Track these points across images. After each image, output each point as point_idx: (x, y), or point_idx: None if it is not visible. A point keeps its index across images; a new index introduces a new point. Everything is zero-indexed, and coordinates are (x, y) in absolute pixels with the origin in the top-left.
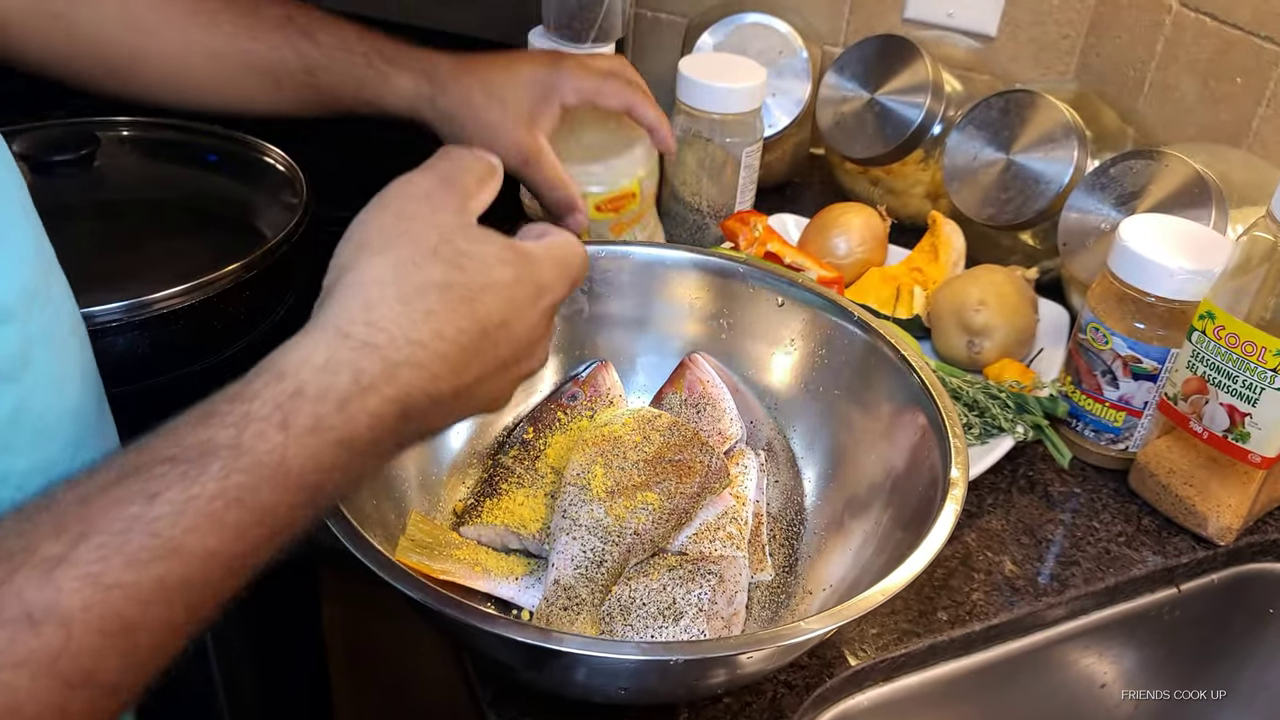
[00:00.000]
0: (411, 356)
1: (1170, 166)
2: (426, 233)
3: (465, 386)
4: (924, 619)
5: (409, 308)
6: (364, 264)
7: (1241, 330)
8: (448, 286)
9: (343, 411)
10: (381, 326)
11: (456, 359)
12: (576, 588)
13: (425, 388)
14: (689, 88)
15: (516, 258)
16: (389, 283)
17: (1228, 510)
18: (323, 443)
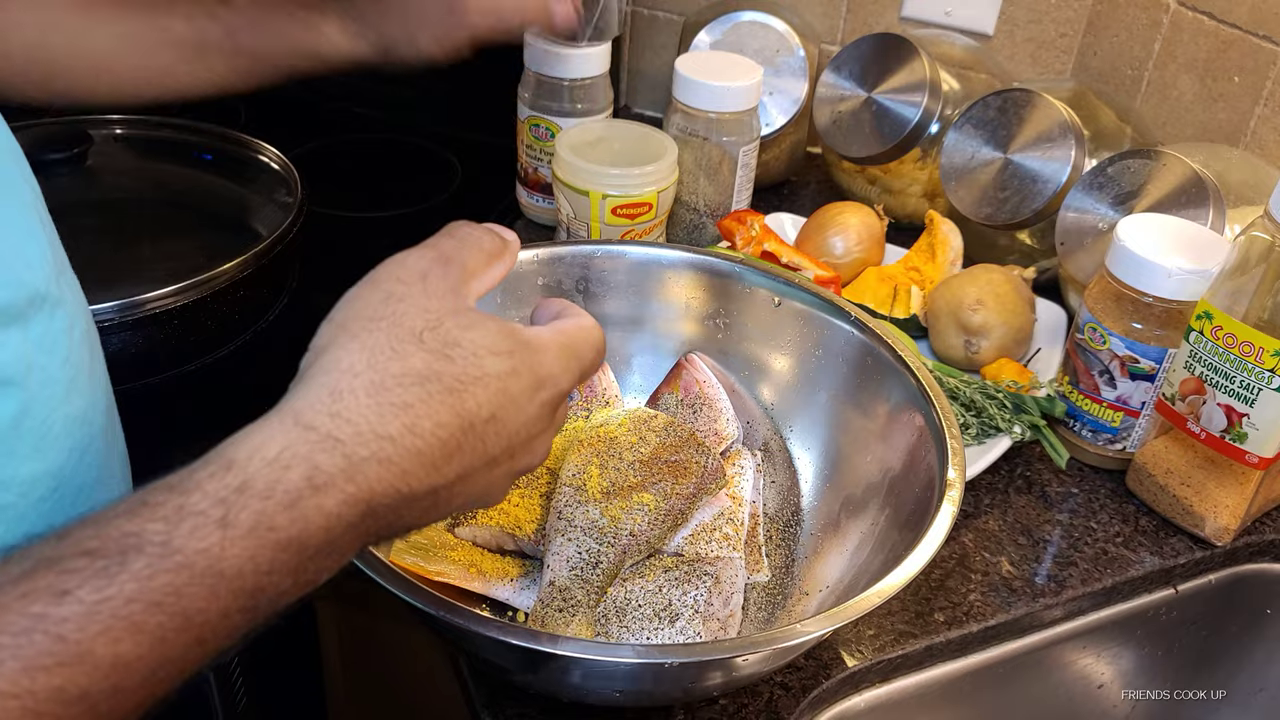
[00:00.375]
0: (379, 452)
1: (1168, 166)
2: (412, 317)
3: (445, 484)
4: (921, 620)
5: (381, 399)
6: (339, 348)
7: (1239, 330)
8: (430, 378)
9: (291, 510)
10: (347, 418)
11: (433, 456)
12: (572, 589)
13: (395, 484)
14: (685, 86)
15: (515, 347)
16: (361, 371)
17: (1225, 511)
18: (264, 544)
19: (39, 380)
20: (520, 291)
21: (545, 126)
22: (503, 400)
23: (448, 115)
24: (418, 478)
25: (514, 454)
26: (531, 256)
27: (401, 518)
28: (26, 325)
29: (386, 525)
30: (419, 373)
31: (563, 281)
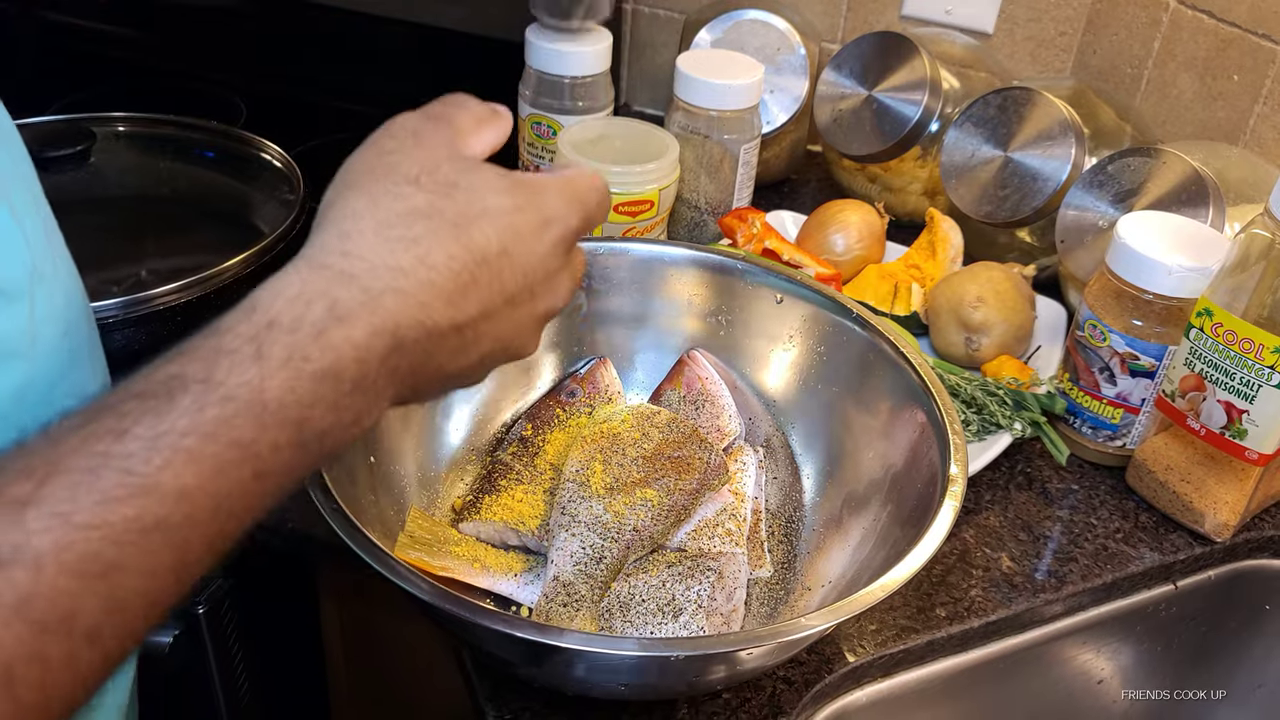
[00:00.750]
0: (394, 283)
1: (1168, 164)
2: (408, 165)
3: (469, 320)
4: (922, 615)
5: (388, 235)
6: (341, 200)
7: (1239, 327)
8: (433, 213)
9: (319, 341)
10: (358, 255)
11: (449, 287)
12: (576, 584)
13: (416, 316)
14: (687, 84)
15: (514, 186)
16: (365, 214)
17: (1224, 507)
18: (300, 375)
19: (42, 353)
20: None
21: (546, 124)
22: (510, 235)
23: None
24: (438, 310)
25: (534, 293)
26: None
27: (432, 356)
28: (29, 299)
29: (418, 363)
30: (422, 210)
31: None
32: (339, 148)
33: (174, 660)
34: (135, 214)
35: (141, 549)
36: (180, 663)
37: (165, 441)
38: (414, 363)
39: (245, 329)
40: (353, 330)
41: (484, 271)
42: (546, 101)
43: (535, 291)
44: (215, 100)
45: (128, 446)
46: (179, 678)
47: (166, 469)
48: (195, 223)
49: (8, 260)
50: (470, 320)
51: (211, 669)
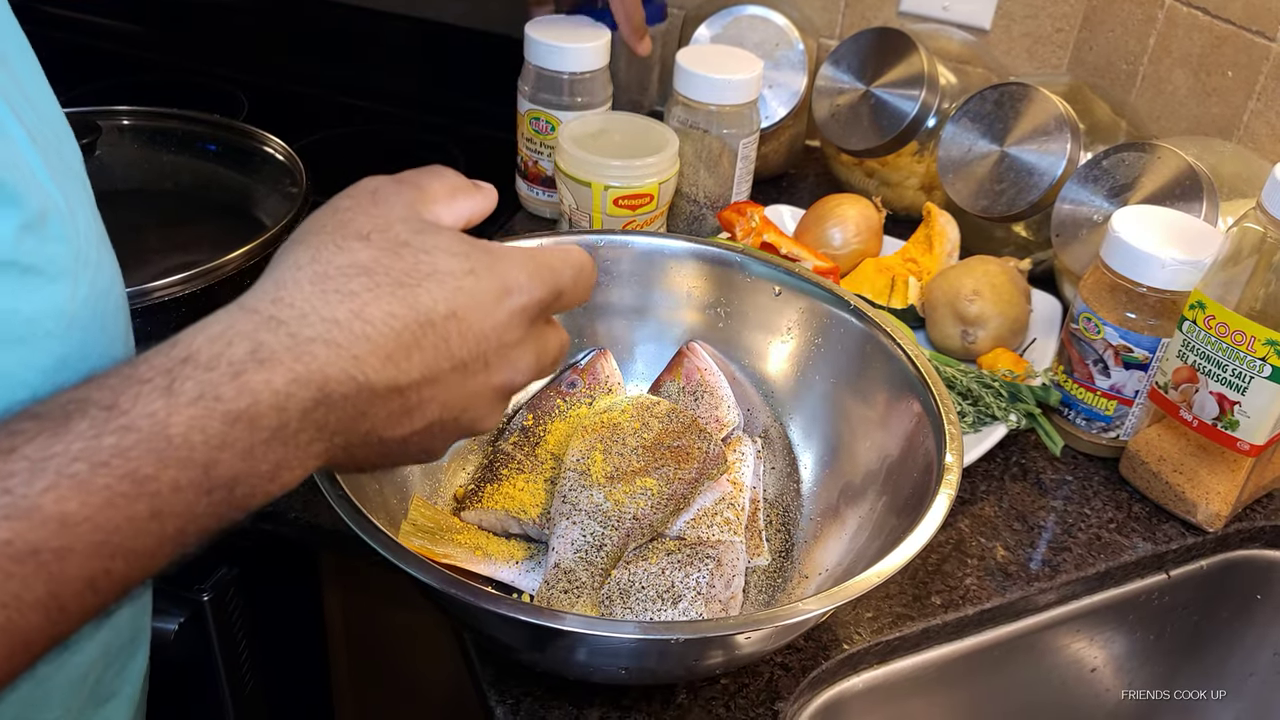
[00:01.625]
0: (325, 334)
1: (1162, 159)
2: (360, 221)
3: (411, 384)
4: (918, 603)
5: (324, 287)
6: (287, 253)
7: (1231, 320)
8: (376, 269)
9: (236, 381)
10: (289, 302)
11: (387, 345)
12: (576, 571)
13: (348, 370)
14: (686, 79)
15: (471, 250)
16: (305, 265)
17: (1217, 497)
18: (211, 414)
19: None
20: None
21: (545, 120)
22: (461, 299)
23: (448, 108)
24: (372, 366)
25: (489, 364)
26: (536, 246)
27: (365, 416)
28: (73, 281)
29: (350, 423)
30: (364, 265)
31: None
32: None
33: (179, 647)
34: (139, 207)
35: (7, 575)
36: (185, 650)
37: (53, 464)
38: (345, 421)
39: (161, 362)
40: (273, 375)
41: (429, 334)
42: (545, 97)
43: (490, 362)
44: (218, 94)
45: (12, 466)
46: (184, 665)
47: (49, 492)
48: (198, 215)
49: (57, 241)
50: (412, 384)
51: (216, 656)
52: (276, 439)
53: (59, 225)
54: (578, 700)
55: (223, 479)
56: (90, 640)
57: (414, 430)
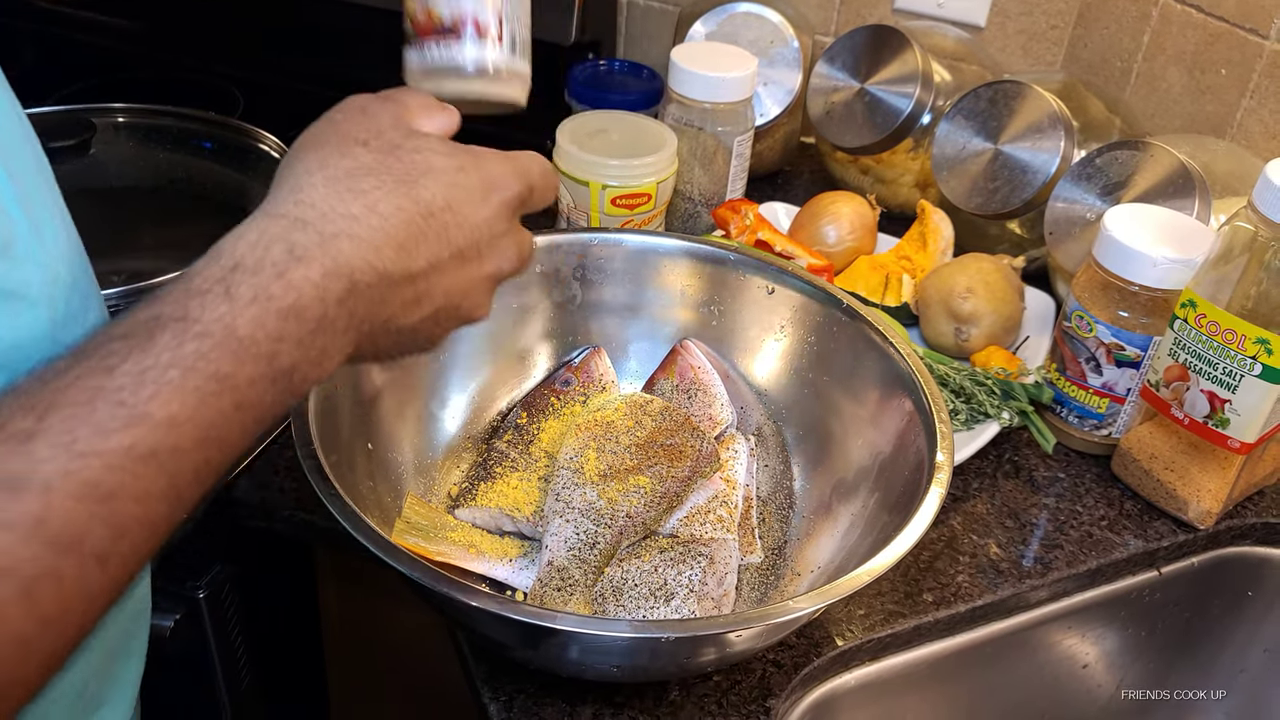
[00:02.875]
0: (346, 229)
1: (1155, 157)
2: (356, 130)
3: (420, 271)
4: (910, 600)
5: (337, 187)
6: (295, 161)
7: (1222, 319)
8: (379, 170)
9: (281, 279)
10: (310, 203)
11: (399, 234)
12: (570, 569)
13: (369, 259)
14: (681, 77)
15: (456, 149)
16: (315, 170)
17: (1208, 495)
18: (267, 311)
19: None
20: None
21: None
22: (455, 192)
23: None
24: (389, 255)
25: (481, 253)
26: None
27: (385, 303)
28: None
29: (372, 310)
30: (369, 166)
31: (560, 269)
32: None
33: (175, 644)
34: (134, 204)
35: (136, 475)
36: (181, 647)
37: (151, 375)
38: (369, 308)
39: (213, 272)
40: (309, 270)
41: (431, 224)
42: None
43: (482, 251)
44: (213, 91)
45: (117, 381)
46: (179, 662)
47: (154, 399)
48: (194, 213)
49: (26, 263)
50: (421, 271)
51: (212, 652)
52: (320, 328)
53: (25, 248)
54: (571, 697)
55: (283, 368)
56: (85, 651)
57: (423, 317)
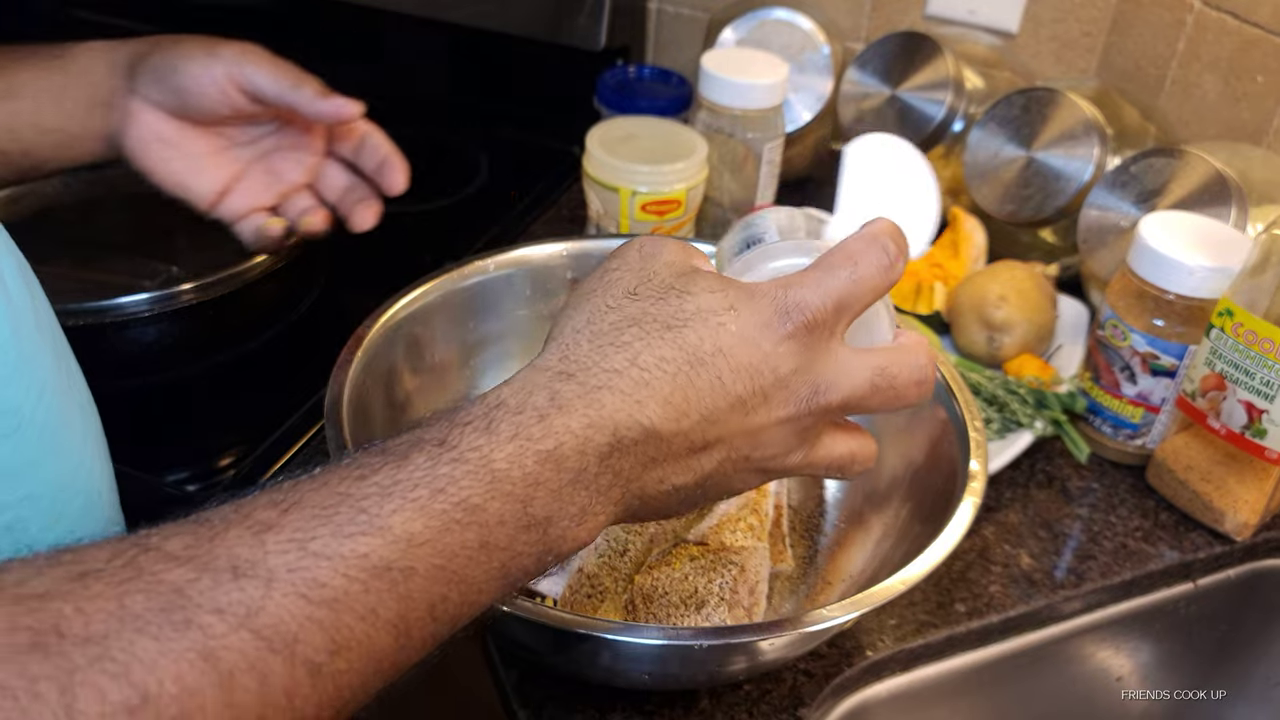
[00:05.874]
0: (608, 382)
1: (1190, 164)
2: (628, 279)
3: (693, 426)
4: (942, 611)
5: (601, 342)
6: (565, 320)
7: (1260, 327)
8: (645, 319)
9: (543, 423)
10: (574, 359)
11: (664, 389)
12: (600, 576)
13: (634, 415)
14: (711, 83)
15: (729, 287)
16: (583, 329)
17: (1245, 506)
18: (525, 452)
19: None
20: (549, 284)
21: None
22: (725, 336)
23: (477, 111)
24: (655, 411)
25: (768, 397)
26: (561, 250)
27: (656, 462)
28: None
29: (642, 468)
30: (633, 317)
31: None
32: None
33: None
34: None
35: (365, 587)
36: None
37: (399, 489)
38: (637, 467)
39: (478, 409)
40: (570, 419)
41: (701, 374)
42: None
43: (769, 395)
44: None
45: (365, 490)
46: None
47: (397, 514)
48: None
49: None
50: (694, 425)
51: None
52: (580, 481)
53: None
54: (601, 705)
55: (538, 517)
56: None
57: (705, 474)
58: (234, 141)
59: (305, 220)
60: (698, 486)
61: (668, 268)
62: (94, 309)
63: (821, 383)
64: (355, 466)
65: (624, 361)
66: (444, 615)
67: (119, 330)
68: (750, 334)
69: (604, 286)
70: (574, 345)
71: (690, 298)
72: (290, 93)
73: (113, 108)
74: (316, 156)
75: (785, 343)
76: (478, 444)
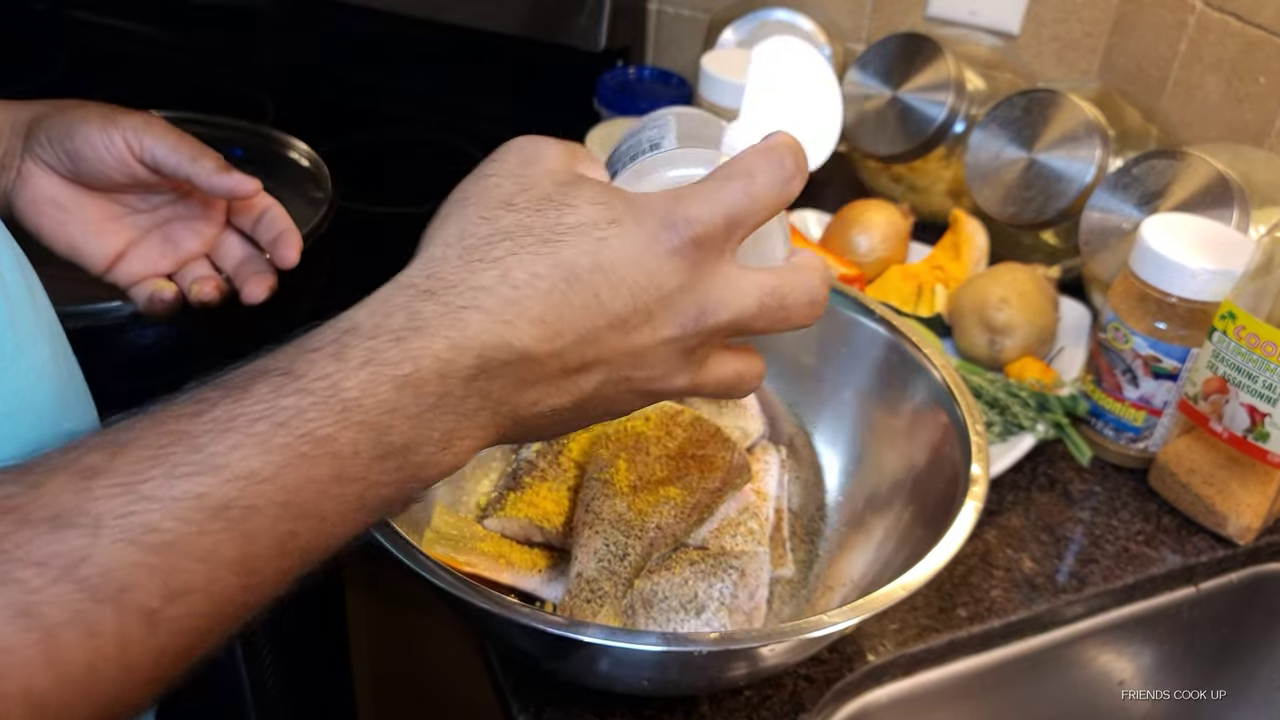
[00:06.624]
0: (475, 300)
1: (1193, 166)
2: (506, 187)
3: (567, 346)
4: (944, 615)
5: (471, 258)
6: (436, 231)
7: (1262, 330)
8: (518, 232)
9: (399, 346)
10: (440, 277)
11: (536, 307)
12: (599, 581)
13: (502, 335)
14: (711, 84)
15: (614, 197)
16: (453, 242)
17: (1247, 510)
18: (379, 378)
19: None
20: None
21: None
22: (606, 251)
23: (475, 112)
24: (525, 331)
25: (652, 314)
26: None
27: (528, 384)
28: None
29: (514, 390)
30: (507, 229)
31: None
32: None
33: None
34: None
35: (202, 530)
36: None
37: (238, 424)
38: (509, 389)
39: (328, 334)
40: (432, 341)
41: (576, 291)
42: None
43: (653, 313)
44: (243, 98)
45: (201, 425)
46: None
47: (236, 450)
48: None
49: None
50: (568, 345)
51: (239, 662)
52: (443, 405)
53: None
54: (600, 710)
55: (396, 444)
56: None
57: (584, 395)
58: (131, 209)
59: (196, 288)
60: (577, 408)
61: (549, 176)
62: (91, 311)
63: (709, 302)
64: (192, 402)
65: (493, 278)
66: (295, 550)
67: (117, 332)
68: (633, 249)
69: (479, 194)
70: (441, 260)
71: (570, 209)
72: (188, 165)
73: (6, 168)
74: (216, 228)
75: (671, 259)
76: (327, 371)
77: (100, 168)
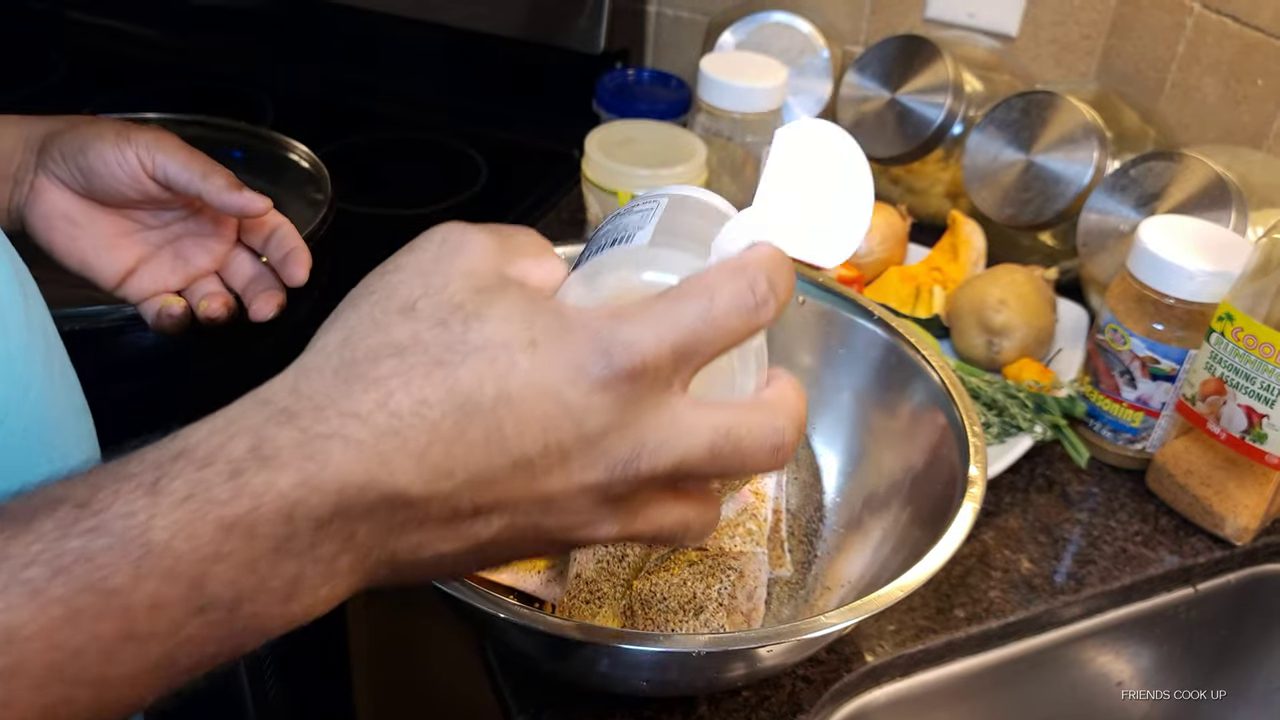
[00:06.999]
0: (343, 429)
1: (1190, 168)
2: (409, 286)
3: (457, 489)
4: (941, 616)
5: (348, 374)
6: (324, 332)
7: (1260, 332)
8: (411, 348)
9: (234, 481)
10: (306, 395)
11: (419, 442)
12: (598, 582)
13: (372, 472)
14: (710, 86)
15: (537, 312)
16: (333, 350)
17: (1245, 511)
18: (200, 518)
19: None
20: None
21: None
22: (516, 378)
23: (474, 114)
24: (404, 469)
25: (568, 456)
26: (561, 254)
27: (406, 528)
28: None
29: (386, 535)
30: (398, 343)
31: None
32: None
33: None
34: None
35: None
36: None
37: (6, 568)
38: (379, 534)
39: (153, 456)
40: (278, 475)
41: (474, 424)
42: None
43: (568, 455)
44: (243, 100)
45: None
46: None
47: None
48: None
49: None
50: (458, 488)
51: (239, 665)
52: (286, 551)
53: None
54: (599, 710)
55: (220, 597)
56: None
57: (481, 542)
58: (143, 225)
59: (205, 305)
60: (474, 553)
61: (465, 278)
62: (90, 313)
63: (648, 444)
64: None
65: (372, 403)
66: (72, 704)
67: (115, 335)
68: (549, 378)
69: (380, 292)
70: (315, 372)
71: (479, 324)
72: (199, 182)
73: (20, 183)
74: (226, 245)
75: (597, 393)
76: (133, 508)
77: (113, 184)
